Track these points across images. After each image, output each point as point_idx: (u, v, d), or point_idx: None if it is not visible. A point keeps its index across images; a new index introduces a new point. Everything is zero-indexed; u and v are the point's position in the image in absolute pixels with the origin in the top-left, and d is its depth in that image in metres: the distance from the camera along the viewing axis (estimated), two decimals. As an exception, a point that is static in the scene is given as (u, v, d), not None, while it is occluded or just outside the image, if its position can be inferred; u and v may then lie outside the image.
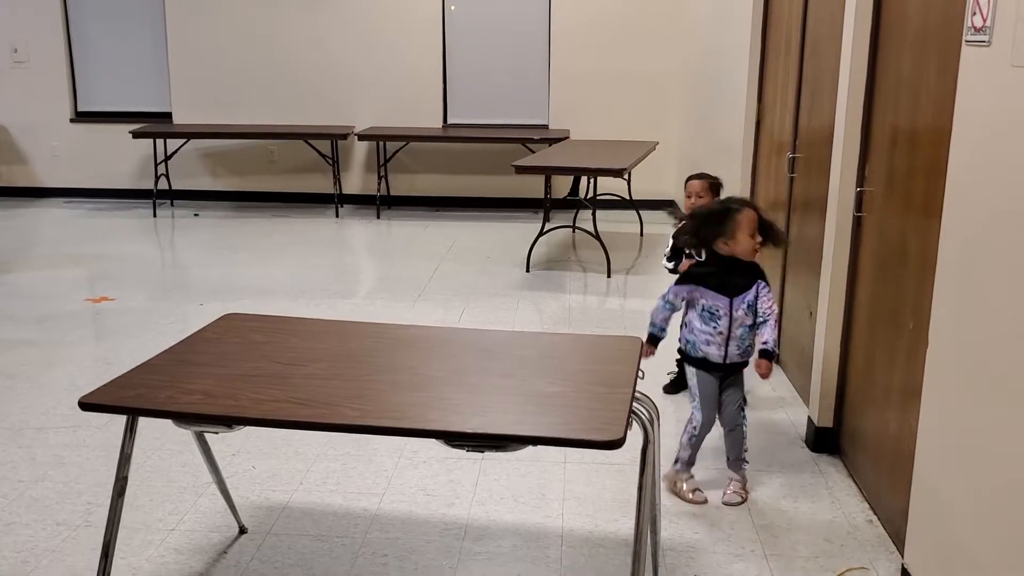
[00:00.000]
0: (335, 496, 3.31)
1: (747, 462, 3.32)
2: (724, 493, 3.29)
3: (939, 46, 2.72)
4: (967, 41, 2.34)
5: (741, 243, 3.12)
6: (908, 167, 2.97)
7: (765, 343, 3.17)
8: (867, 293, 3.34)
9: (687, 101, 8.25)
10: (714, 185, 4.15)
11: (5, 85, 9.15)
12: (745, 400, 3.33)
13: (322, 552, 2.95)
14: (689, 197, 4.12)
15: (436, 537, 3.04)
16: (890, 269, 3.09)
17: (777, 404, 4.13)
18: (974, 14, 2.29)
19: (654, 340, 3.24)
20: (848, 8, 3.43)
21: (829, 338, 3.58)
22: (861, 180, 3.40)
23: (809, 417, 3.76)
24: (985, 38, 2.23)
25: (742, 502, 3.25)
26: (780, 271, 4.55)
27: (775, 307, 3.22)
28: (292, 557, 2.92)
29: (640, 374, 2.46)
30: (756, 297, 3.19)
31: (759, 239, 3.14)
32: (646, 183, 8.46)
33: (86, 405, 2.26)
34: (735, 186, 5.36)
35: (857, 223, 3.43)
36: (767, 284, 3.23)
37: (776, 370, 4.52)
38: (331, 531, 3.08)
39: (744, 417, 3.30)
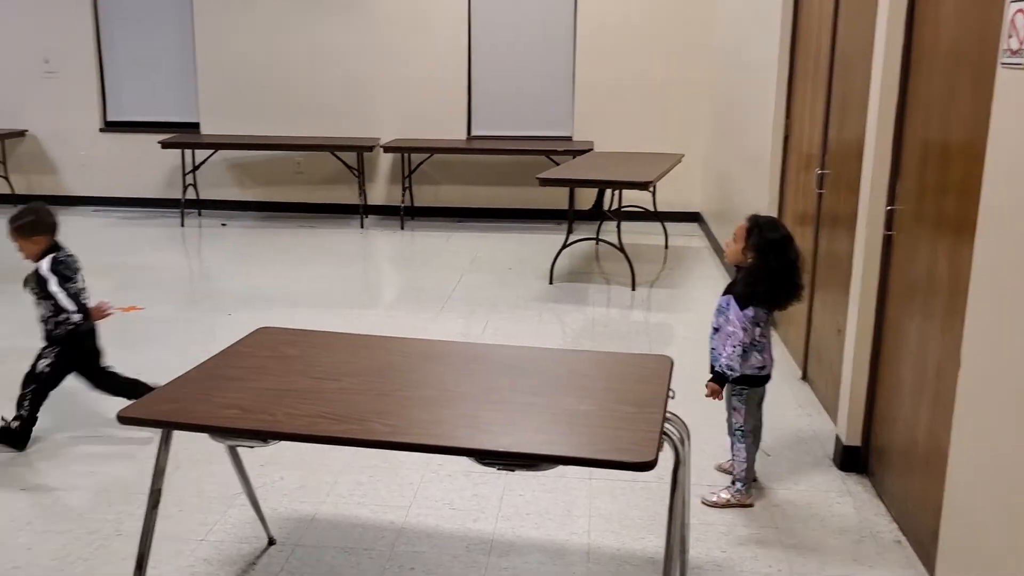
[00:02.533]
0: (362, 508, 3.33)
1: None
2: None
3: (972, 66, 2.72)
4: (1003, 64, 2.34)
5: (728, 247, 3.43)
6: (940, 186, 2.96)
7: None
8: (897, 312, 3.32)
9: (713, 114, 8.25)
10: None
11: (36, 95, 9.27)
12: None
13: (350, 565, 2.97)
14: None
15: (462, 552, 3.06)
16: (921, 288, 3.08)
17: (804, 422, 4.12)
18: (1010, 36, 2.29)
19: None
20: (879, 26, 3.43)
21: (858, 356, 3.57)
22: (891, 198, 3.39)
23: (837, 435, 3.74)
24: (1021, 61, 2.23)
25: None
26: (809, 288, 4.53)
27: (733, 329, 3.28)
28: (320, 569, 2.94)
29: (671, 393, 2.46)
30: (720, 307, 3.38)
31: (741, 245, 3.34)
32: (671, 195, 8.46)
33: (124, 419, 2.29)
34: (763, 200, 5.36)
35: (887, 241, 3.42)
36: (734, 300, 3.31)
37: (803, 387, 4.51)
38: (359, 543, 3.10)
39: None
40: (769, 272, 3.25)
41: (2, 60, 9.21)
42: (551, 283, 6.52)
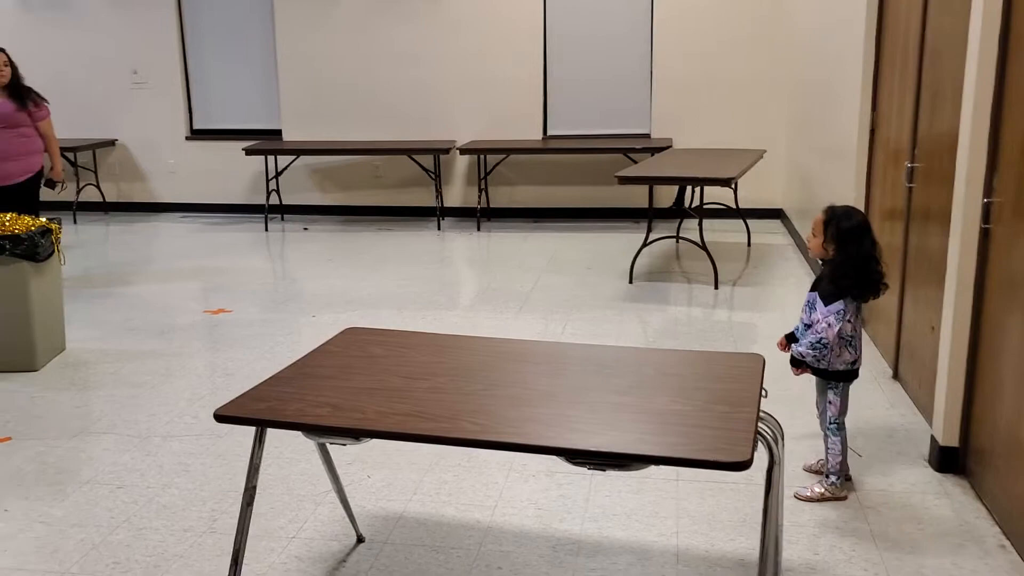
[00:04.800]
0: (448, 507, 3.35)
1: None
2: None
3: (1077, 51, 2.61)
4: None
5: (810, 241, 3.39)
6: (1042, 177, 2.85)
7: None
8: (996, 307, 3.21)
9: (795, 108, 8.09)
10: None
11: (125, 105, 9.58)
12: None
13: (438, 563, 2.98)
14: None
15: (548, 552, 3.05)
16: (1022, 283, 2.97)
17: (897, 422, 4.00)
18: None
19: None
20: (974, 13, 3.32)
21: (954, 354, 3.45)
22: (989, 191, 3.27)
23: (932, 436, 3.63)
24: None
25: None
26: (899, 284, 4.41)
27: (823, 327, 3.24)
28: (409, 567, 2.96)
29: (764, 392, 2.42)
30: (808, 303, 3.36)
31: (820, 239, 3.31)
32: (753, 191, 8.33)
33: (221, 417, 2.34)
34: (849, 195, 5.23)
35: (984, 235, 3.31)
36: (819, 297, 3.29)
37: (895, 386, 4.39)
38: (446, 542, 3.11)
39: None
40: (850, 262, 3.21)
41: (93, 73, 9.53)
42: (631, 282, 6.48)
